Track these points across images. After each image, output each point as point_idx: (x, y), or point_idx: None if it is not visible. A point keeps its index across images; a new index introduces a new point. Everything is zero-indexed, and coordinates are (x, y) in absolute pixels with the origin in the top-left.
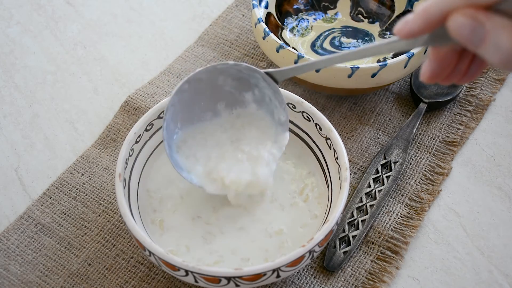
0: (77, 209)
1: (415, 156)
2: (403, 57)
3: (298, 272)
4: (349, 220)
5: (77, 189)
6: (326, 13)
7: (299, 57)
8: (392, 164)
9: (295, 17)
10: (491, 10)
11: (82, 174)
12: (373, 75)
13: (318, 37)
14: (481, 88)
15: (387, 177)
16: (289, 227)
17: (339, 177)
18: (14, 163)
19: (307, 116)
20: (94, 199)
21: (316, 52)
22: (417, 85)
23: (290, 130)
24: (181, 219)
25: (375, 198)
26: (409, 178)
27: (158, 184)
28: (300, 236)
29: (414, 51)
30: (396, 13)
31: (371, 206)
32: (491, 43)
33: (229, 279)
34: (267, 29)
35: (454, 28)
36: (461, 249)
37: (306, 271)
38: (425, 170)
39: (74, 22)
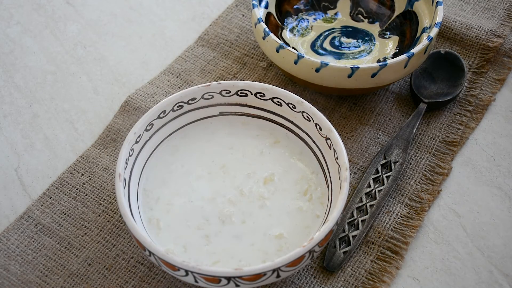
0: (77, 209)
1: (415, 156)
2: (403, 57)
3: (298, 272)
4: (349, 220)
5: (77, 189)
6: (326, 13)
7: (299, 57)
8: (392, 164)
9: (295, 17)
10: None
11: (82, 174)
12: (373, 75)
13: (318, 37)
14: (481, 88)
15: (387, 177)
16: (290, 230)
17: (339, 177)
18: (14, 163)
19: (307, 116)
20: (94, 199)
21: (316, 52)
22: (417, 85)
23: (290, 130)
24: (176, 219)
25: (375, 198)
26: (409, 178)
27: (154, 183)
28: (301, 236)
29: (414, 50)
30: (396, 13)
31: (371, 206)
32: None
33: (229, 279)
34: (267, 29)
35: None
36: (461, 249)
37: (306, 271)
38: (425, 170)
39: (74, 22)
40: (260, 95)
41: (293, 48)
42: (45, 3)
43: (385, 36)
